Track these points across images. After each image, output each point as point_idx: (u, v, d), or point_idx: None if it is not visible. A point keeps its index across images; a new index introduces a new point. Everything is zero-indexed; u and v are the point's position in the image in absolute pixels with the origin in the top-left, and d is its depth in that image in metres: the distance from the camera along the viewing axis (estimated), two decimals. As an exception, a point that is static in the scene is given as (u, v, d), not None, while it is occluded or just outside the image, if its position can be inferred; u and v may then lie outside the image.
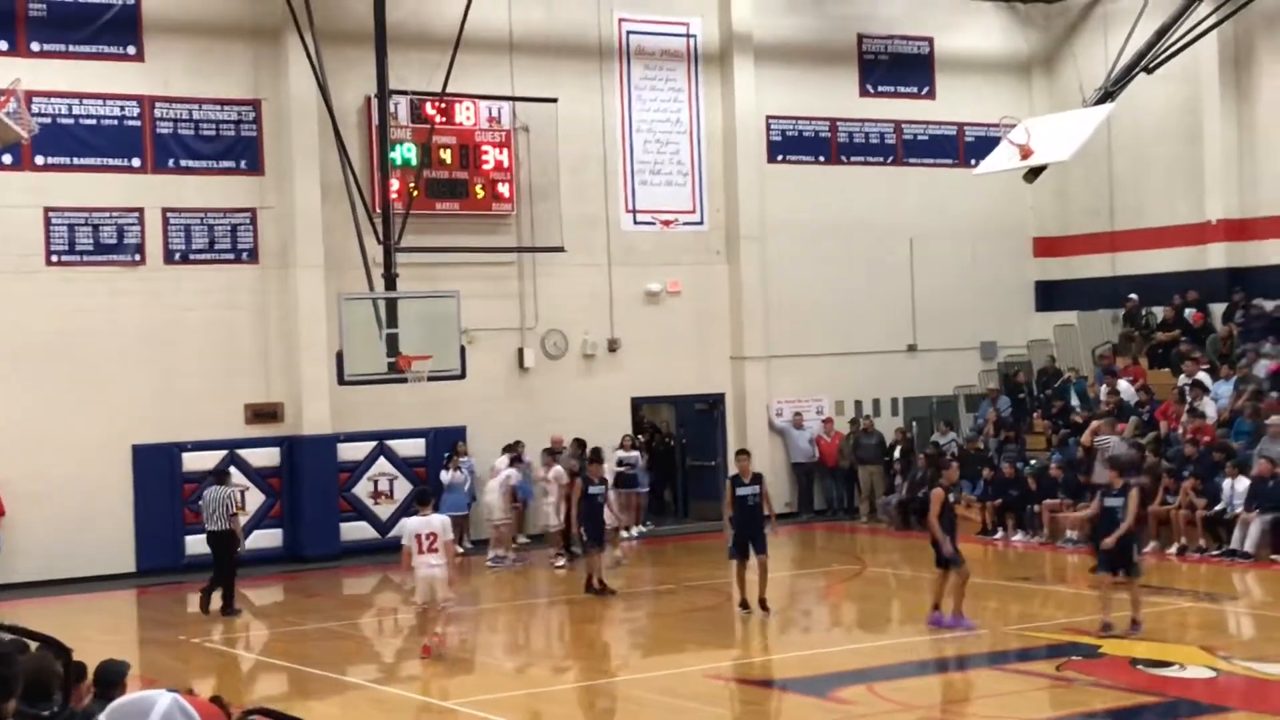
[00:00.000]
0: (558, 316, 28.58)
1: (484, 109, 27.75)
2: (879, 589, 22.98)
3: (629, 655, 18.70)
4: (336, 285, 25.42)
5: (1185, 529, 24.03)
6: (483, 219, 27.74)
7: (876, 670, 15.98)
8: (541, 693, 16.26)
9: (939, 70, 32.37)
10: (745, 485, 19.72)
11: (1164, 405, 26.78)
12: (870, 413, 30.98)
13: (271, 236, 26.29)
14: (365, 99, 26.40)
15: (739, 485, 19.76)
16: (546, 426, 27.35)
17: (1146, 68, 25.64)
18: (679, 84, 29.98)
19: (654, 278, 29.51)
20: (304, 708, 15.34)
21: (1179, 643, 17.15)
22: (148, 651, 19.03)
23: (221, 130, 26.12)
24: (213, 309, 25.88)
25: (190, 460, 25.61)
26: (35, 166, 24.72)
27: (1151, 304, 30.54)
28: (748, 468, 19.88)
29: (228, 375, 25.88)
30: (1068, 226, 32.91)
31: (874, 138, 31.74)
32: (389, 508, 26.79)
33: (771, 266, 30.39)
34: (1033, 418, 29.86)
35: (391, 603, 23.38)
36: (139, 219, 25.40)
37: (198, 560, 25.27)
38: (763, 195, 30.39)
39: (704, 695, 15.46)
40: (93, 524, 24.79)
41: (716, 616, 20.73)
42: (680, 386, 30.01)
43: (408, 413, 26.71)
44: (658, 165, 29.77)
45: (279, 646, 19.55)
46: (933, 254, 31.87)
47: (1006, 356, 32.48)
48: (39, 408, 24.52)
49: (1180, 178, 30.66)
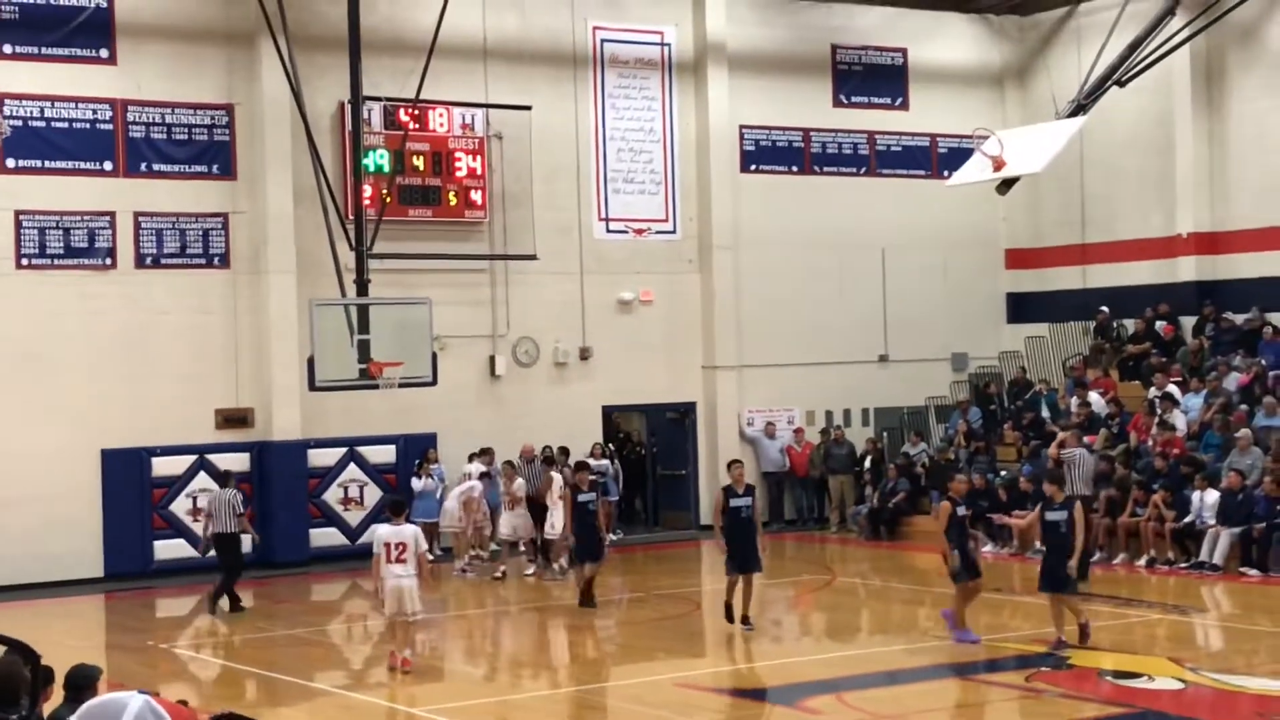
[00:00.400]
0: (529, 324, 28.56)
1: (457, 116, 27.73)
2: (849, 599, 23.00)
3: (598, 663, 18.66)
4: (308, 291, 25.34)
5: (1154, 541, 24.11)
6: (455, 226, 27.71)
7: (845, 680, 15.98)
8: (510, 700, 16.22)
9: (913, 81, 32.47)
10: (739, 496, 18.79)
11: (1134, 418, 26.88)
12: (841, 423, 31.05)
13: (243, 241, 26.22)
14: (339, 104, 26.36)
15: (733, 496, 18.82)
16: (518, 434, 27.31)
17: (1119, 81, 25.80)
18: (653, 93, 30.01)
19: (626, 286, 29.52)
20: (272, 713, 15.28)
21: (1148, 654, 17.20)
22: (115, 656, 18.92)
23: (194, 134, 26.04)
24: (184, 314, 25.79)
25: (160, 465, 25.52)
26: (6, 169, 24.61)
27: (1122, 316, 30.67)
28: (742, 477, 18.99)
29: (198, 380, 25.79)
30: (1039, 238, 33.03)
31: (847, 148, 31.82)
32: (359, 514, 26.75)
33: (744, 276, 30.43)
34: (1003, 429, 29.94)
35: (360, 609, 23.30)
36: (110, 223, 25.31)
37: (166, 565, 25.25)
38: (736, 205, 30.43)
39: (674, 704, 15.43)
40: (61, 528, 24.66)
41: (686, 625, 20.72)
42: (652, 395, 30.01)
43: (378, 419, 26.66)
44: (631, 174, 29.79)
45: (247, 652, 19.46)
46: (905, 265, 31.95)
47: (978, 368, 32.58)
48: (7, 411, 24.40)
49: (1151, 191, 30.80)
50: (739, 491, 18.76)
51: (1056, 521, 17.20)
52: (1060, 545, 17.16)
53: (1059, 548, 17.18)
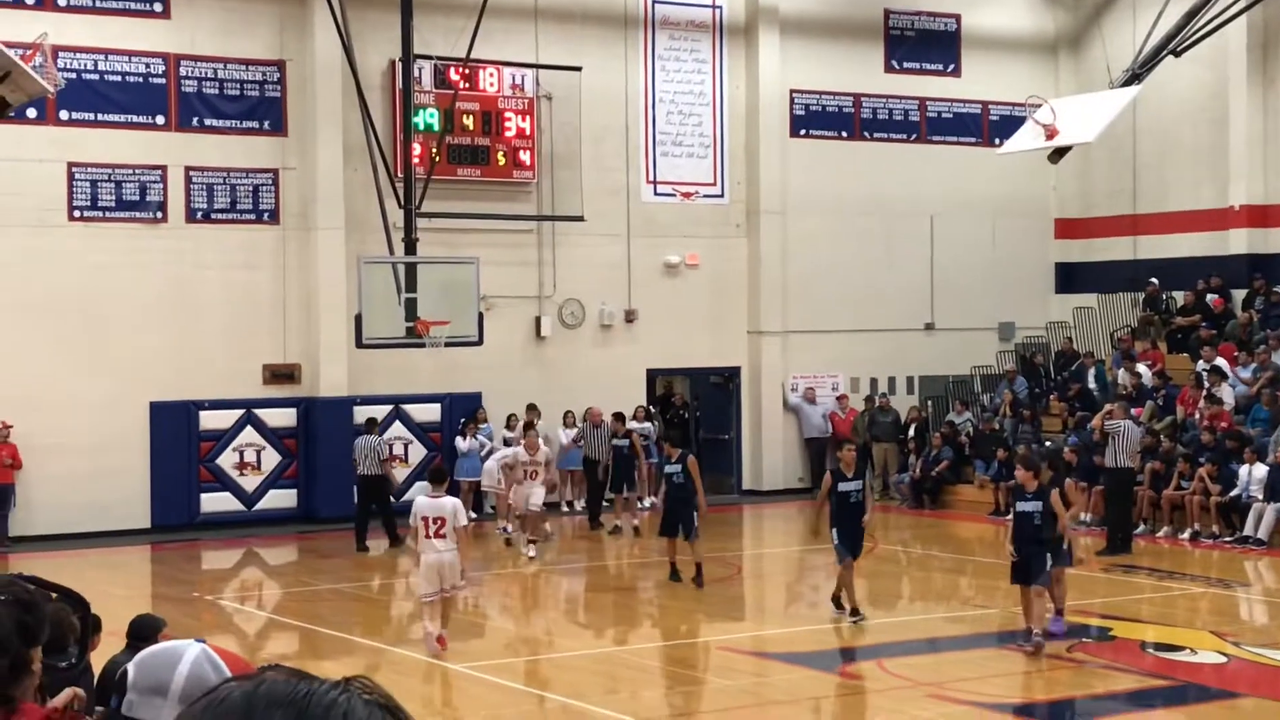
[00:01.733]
0: (575, 286, 28.57)
1: (508, 76, 27.71)
2: (890, 566, 22.99)
3: (639, 625, 18.73)
4: (356, 248, 25.43)
5: (1199, 515, 24.01)
6: (503, 186, 27.72)
7: (886, 647, 16.01)
8: (549, 659, 16.31)
9: (965, 48, 32.25)
10: (848, 480, 17.27)
11: (1182, 391, 26.73)
12: (886, 390, 30.96)
13: (293, 198, 26.31)
14: (390, 63, 26.38)
15: (841, 480, 17.34)
16: (562, 395, 27.39)
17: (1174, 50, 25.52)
18: (704, 55, 29.90)
19: (673, 250, 29.48)
20: (314, 666, 15.36)
21: (1190, 627, 17.15)
22: (161, 607, 19.05)
23: (246, 90, 26.12)
24: (233, 269, 25.92)
25: (207, 419, 25.69)
26: (60, 121, 24.74)
27: (1172, 288, 30.45)
28: (852, 460, 17.42)
29: (246, 335, 25.93)
30: (1090, 208, 32.81)
31: (898, 114, 31.65)
32: (403, 471, 26.87)
33: (791, 241, 30.34)
34: (1049, 400, 29.81)
35: (405, 566, 23.45)
36: (162, 177, 25.43)
37: (212, 518, 25.44)
38: (784, 170, 30.33)
39: (715, 667, 15.51)
40: (108, 479, 24.87)
41: (727, 589, 20.76)
42: (696, 359, 30.01)
43: (424, 378, 26.75)
44: (680, 137, 29.71)
45: (291, 606, 19.63)
46: (953, 233, 31.80)
47: (1024, 338, 32.42)
48: (58, 362, 24.58)
49: (1204, 162, 30.54)
50: (848, 475, 17.34)
51: (1029, 513, 15.76)
52: (1033, 537, 15.68)
53: (1031, 540, 15.69)
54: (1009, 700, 14.45)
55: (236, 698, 1.65)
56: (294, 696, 1.64)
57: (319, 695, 1.64)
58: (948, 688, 14.65)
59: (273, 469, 26.13)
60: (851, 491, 17.16)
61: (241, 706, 1.63)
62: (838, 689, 14.51)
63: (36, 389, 24.29)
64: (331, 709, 1.63)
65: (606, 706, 13.76)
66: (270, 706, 1.62)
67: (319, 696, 1.64)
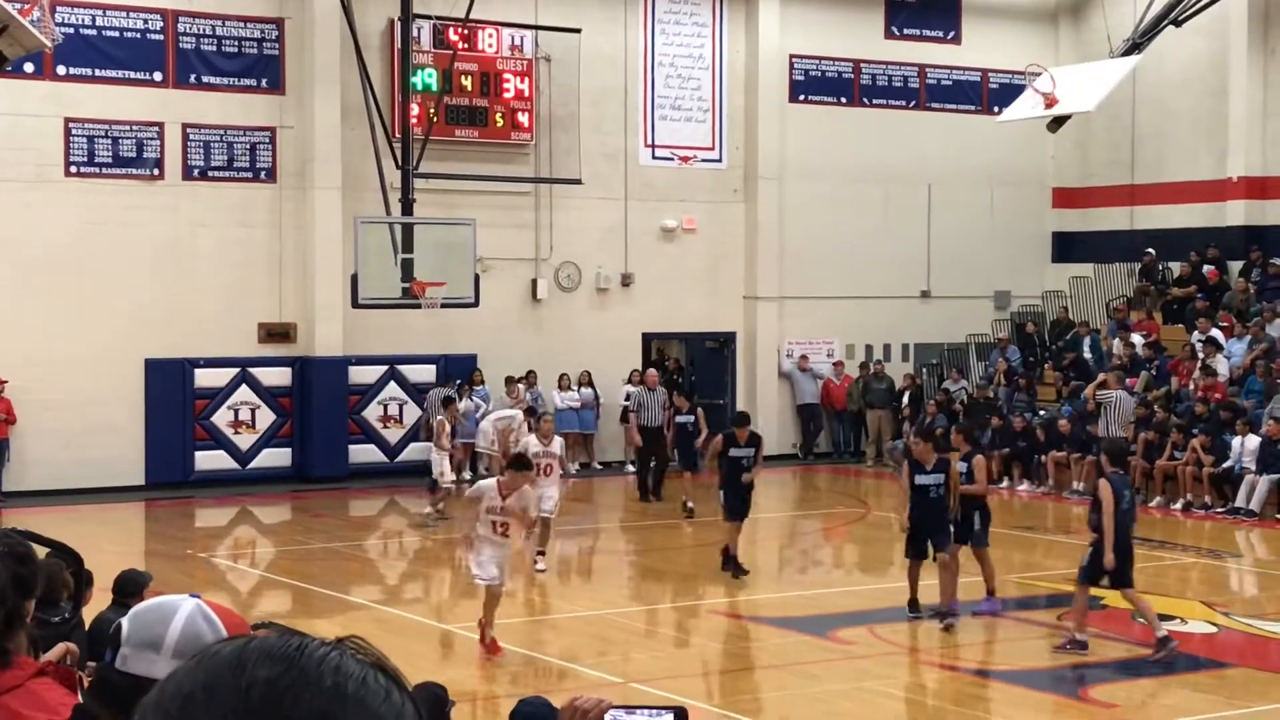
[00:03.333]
0: (572, 249, 28.55)
1: (506, 37, 27.63)
2: (882, 533, 23.02)
3: (633, 588, 18.78)
4: (353, 208, 25.40)
5: (1191, 485, 24.07)
6: (501, 148, 27.67)
7: (877, 613, 16.06)
8: (544, 620, 16.37)
9: (966, 15, 32.17)
10: (927, 473, 15.53)
11: (1174, 361, 26.77)
12: (881, 357, 30.99)
13: (290, 156, 26.25)
14: (388, 22, 26.30)
15: (919, 472, 15.55)
16: (557, 358, 27.42)
17: (1175, 20, 25.49)
18: (703, 19, 29.82)
19: (670, 214, 29.46)
20: (307, 625, 15.40)
21: (1181, 597, 17.22)
22: (154, 563, 19.07)
23: (244, 47, 26.04)
24: (229, 227, 25.88)
25: (202, 376, 25.70)
26: (57, 76, 24.66)
27: (1169, 259, 30.46)
28: (929, 455, 15.63)
29: (241, 293, 25.91)
30: (1088, 178, 32.78)
31: (897, 81, 31.58)
32: (398, 432, 26.91)
33: (788, 207, 30.32)
34: (1044, 369, 29.86)
35: (397, 526, 23.51)
36: (159, 133, 25.37)
37: (206, 475, 25.47)
38: (783, 135, 30.28)
39: (707, 630, 15.56)
40: (103, 435, 24.89)
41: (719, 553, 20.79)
42: (691, 324, 30.02)
43: (419, 338, 26.76)
44: (678, 101, 29.65)
45: (284, 564, 19.68)
46: (950, 200, 31.77)
47: (1020, 306, 32.44)
48: (52, 317, 24.56)
49: (1203, 133, 30.51)
50: (926, 468, 15.60)
51: (925, 486, 15.36)
52: (932, 510, 15.36)
53: (931, 513, 15.38)
54: (998, 667, 14.52)
55: (228, 652, 1.66)
56: (285, 650, 1.65)
57: (310, 649, 1.66)
58: (938, 654, 14.72)
59: (267, 428, 26.15)
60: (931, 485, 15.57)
61: (232, 660, 1.64)
62: (828, 654, 14.57)
63: (31, 344, 24.28)
64: (323, 663, 1.64)
65: (598, 668, 13.82)
66: (261, 660, 1.63)
67: (310, 650, 1.65)
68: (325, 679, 1.62)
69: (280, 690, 1.61)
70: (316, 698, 1.61)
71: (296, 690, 1.61)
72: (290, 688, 1.61)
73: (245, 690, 1.61)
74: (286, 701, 1.60)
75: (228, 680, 1.62)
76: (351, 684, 1.63)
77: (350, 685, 1.63)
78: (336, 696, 1.62)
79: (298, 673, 1.62)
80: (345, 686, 1.63)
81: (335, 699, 1.62)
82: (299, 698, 1.61)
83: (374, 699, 1.64)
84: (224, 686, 1.62)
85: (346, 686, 1.63)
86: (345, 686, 1.63)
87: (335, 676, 1.63)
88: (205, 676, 1.64)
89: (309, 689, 1.61)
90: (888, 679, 13.75)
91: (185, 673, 1.66)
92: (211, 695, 1.62)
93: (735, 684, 13.95)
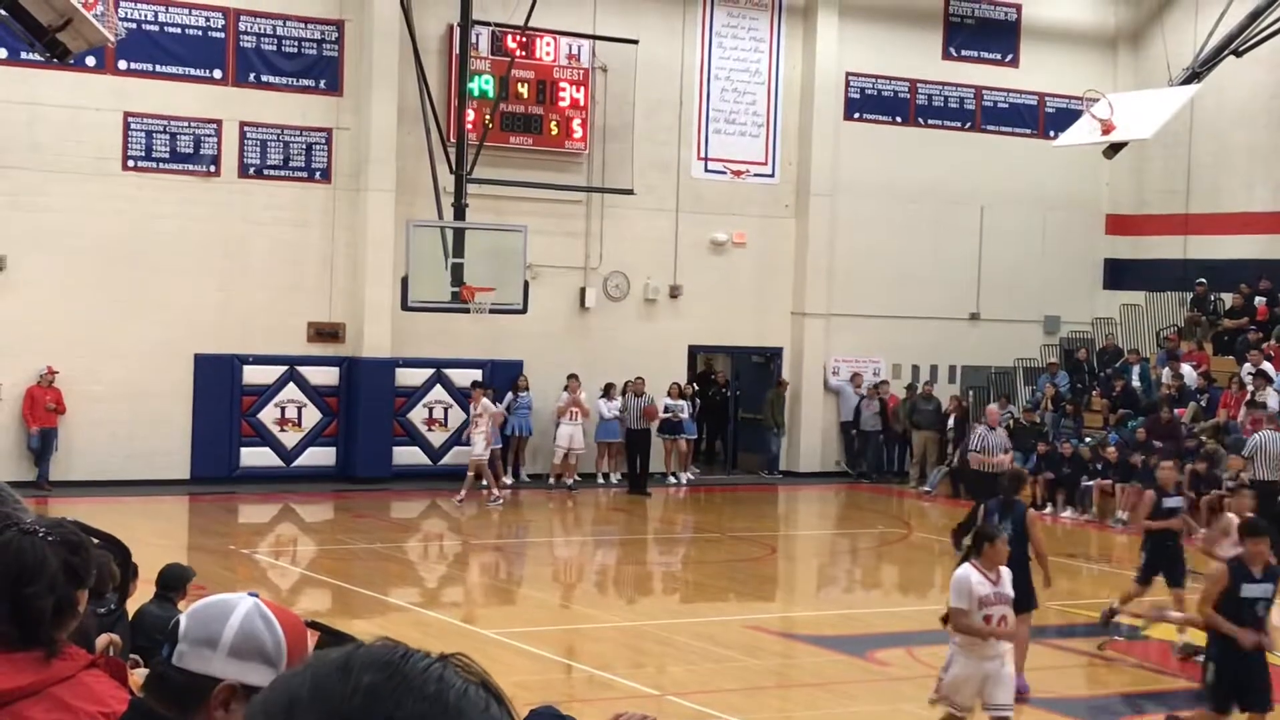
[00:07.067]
0: (622, 259, 28.58)
1: (564, 46, 27.71)
2: (923, 554, 22.97)
3: (670, 600, 18.79)
4: (406, 211, 25.51)
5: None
6: (555, 156, 27.75)
7: (916, 635, 16.00)
8: (580, 629, 16.39)
9: (1025, 38, 32.06)
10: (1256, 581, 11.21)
11: (1224, 394, 26.58)
12: (928, 378, 30.88)
13: (345, 158, 26.39)
14: (448, 27, 26.42)
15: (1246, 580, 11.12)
16: (603, 367, 27.46)
17: (1235, 51, 25.34)
18: (761, 33, 29.83)
19: (720, 227, 29.45)
20: (346, 625, 15.50)
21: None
22: (196, 559, 19.20)
23: (304, 48, 26.20)
24: (282, 225, 26.03)
25: (251, 373, 25.84)
26: (118, 71, 24.87)
27: (1221, 290, 30.26)
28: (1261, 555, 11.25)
29: (292, 292, 26.05)
30: (1142, 205, 32.61)
31: (953, 102, 31.50)
32: (442, 435, 26.98)
33: (839, 224, 30.27)
34: (1091, 396, 29.70)
35: (437, 529, 23.59)
36: (216, 131, 25.55)
37: (251, 472, 25.60)
38: (836, 152, 30.24)
39: (743, 645, 15.55)
40: (150, 429, 25.06)
41: (759, 569, 20.79)
42: (738, 338, 29.99)
43: (467, 343, 26.83)
44: (733, 114, 29.66)
45: (325, 563, 19.77)
46: (1003, 223, 31.65)
47: (1070, 332, 32.28)
48: (105, 310, 24.75)
49: (1260, 164, 30.32)
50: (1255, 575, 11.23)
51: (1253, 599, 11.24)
52: None
53: None
54: (1035, 695, 14.44)
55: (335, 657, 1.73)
56: (391, 658, 1.71)
57: (415, 660, 1.72)
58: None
59: (313, 426, 26.27)
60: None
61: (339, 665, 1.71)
62: (864, 674, 14.53)
63: (83, 336, 24.47)
64: (426, 672, 1.70)
65: (632, 679, 13.82)
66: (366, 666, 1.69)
67: (415, 661, 1.71)
68: (428, 686, 1.68)
69: (383, 695, 1.66)
70: (418, 703, 1.66)
71: (399, 696, 1.67)
72: (393, 693, 1.66)
73: (350, 695, 1.66)
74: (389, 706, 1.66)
75: (333, 684, 1.68)
76: (453, 694, 1.69)
77: (451, 695, 1.68)
78: (438, 703, 1.67)
79: (401, 679, 1.68)
80: (446, 695, 1.68)
81: (436, 705, 1.67)
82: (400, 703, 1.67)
83: (473, 710, 1.68)
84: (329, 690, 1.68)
85: (447, 696, 1.68)
86: (446, 695, 1.68)
87: (437, 685, 1.69)
88: (312, 680, 1.69)
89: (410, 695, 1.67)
90: (924, 702, 13.69)
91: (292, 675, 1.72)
92: (316, 698, 1.68)
93: (770, 701, 13.93)
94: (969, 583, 10.70)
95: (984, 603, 10.70)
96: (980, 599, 10.67)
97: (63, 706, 3.23)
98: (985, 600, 10.70)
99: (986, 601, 10.71)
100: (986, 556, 10.86)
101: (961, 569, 10.87)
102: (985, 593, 10.70)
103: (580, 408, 26.45)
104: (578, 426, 26.51)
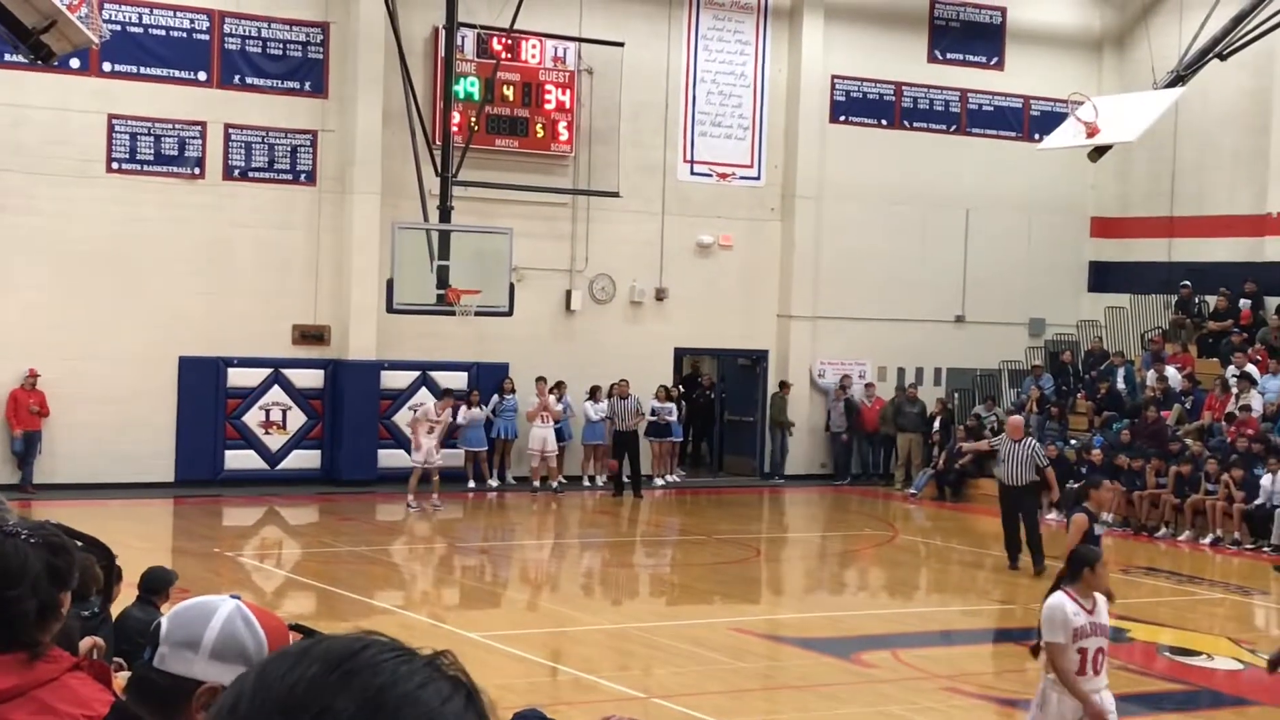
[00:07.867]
0: (607, 262, 28.58)
1: (550, 48, 27.70)
2: (909, 556, 22.99)
3: (655, 603, 18.78)
4: (391, 213, 25.48)
5: (1222, 520, 23.94)
6: (540, 159, 27.73)
7: (901, 637, 16.02)
8: (565, 632, 16.37)
9: (1010, 41, 32.10)
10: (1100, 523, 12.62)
11: (1209, 395, 26.64)
12: (913, 381, 30.90)
13: (330, 160, 26.36)
14: (433, 29, 26.40)
15: None
16: (589, 369, 27.44)
17: (1220, 54, 25.39)
18: (746, 36, 29.84)
19: (706, 230, 29.46)
20: (330, 627, 15.43)
21: (1208, 633, 17.12)
22: (181, 561, 19.17)
23: (289, 50, 26.15)
24: (267, 228, 25.98)
25: (235, 376, 25.79)
26: (102, 73, 24.81)
27: (1205, 292, 30.32)
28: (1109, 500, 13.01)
29: (277, 295, 26.01)
30: (1127, 208, 32.67)
31: (938, 105, 31.53)
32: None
33: (825, 227, 30.29)
34: (1077, 398, 29.74)
35: (423, 532, 23.56)
36: (201, 133, 25.50)
37: (235, 475, 25.55)
38: (822, 155, 30.26)
39: (728, 648, 15.54)
40: (134, 431, 24.99)
41: (744, 571, 20.80)
42: (725, 340, 30.00)
43: (452, 345, 26.81)
44: (719, 117, 29.66)
45: (310, 566, 19.73)
46: (988, 226, 31.70)
47: (1055, 334, 32.32)
48: (88, 312, 24.68)
49: (1244, 168, 30.38)
50: None
51: None
52: None
53: None
54: (1022, 696, 14.44)
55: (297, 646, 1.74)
56: (350, 650, 1.70)
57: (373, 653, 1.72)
58: (961, 680, 14.67)
59: (298, 429, 26.23)
60: None
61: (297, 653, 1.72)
62: (850, 676, 14.53)
63: (66, 338, 24.41)
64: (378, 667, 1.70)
65: (618, 682, 13.81)
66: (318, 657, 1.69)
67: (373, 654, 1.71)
68: (375, 679, 1.67)
69: (323, 687, 1.65)
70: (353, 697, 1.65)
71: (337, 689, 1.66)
72: (333, 686, 1.65)
73: (292, 685, 1.65)
74: (327, 698, 1.65)
75: (280, 675, 1.67)
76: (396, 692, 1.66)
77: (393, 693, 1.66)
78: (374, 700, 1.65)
79: (346, 672, 1.67)
80: (387, 693, 1.66)
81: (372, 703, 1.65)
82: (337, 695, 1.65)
83: (423, 706, 1.67)
84: (273, 680, 1.68)
85: (389, 693, 1.66)
86: (387, 693, 1.66)
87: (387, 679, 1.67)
88: (257, 674, 1.70)
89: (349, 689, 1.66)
90: (910, 704, 13.70)
91: (245, 674, 1.73)
92: (259, 688, 1.68)
93: (756, 703, 13.93)
94: (1064, 613, 9.68)
95: (1079, 634, 9.70)
96: (1076, 630, 9.67)
97: (46, 709, 3.21)
98: (1081, 632, 9.71)
99: (1082, 633, 9.71)
100: (1085, 582, 9.84)
101: (1055, 597, 9.82)
102: (1081, 623, 9.70)
103: (549, 410, 26.45)
104: (549, 428, 26.52)
